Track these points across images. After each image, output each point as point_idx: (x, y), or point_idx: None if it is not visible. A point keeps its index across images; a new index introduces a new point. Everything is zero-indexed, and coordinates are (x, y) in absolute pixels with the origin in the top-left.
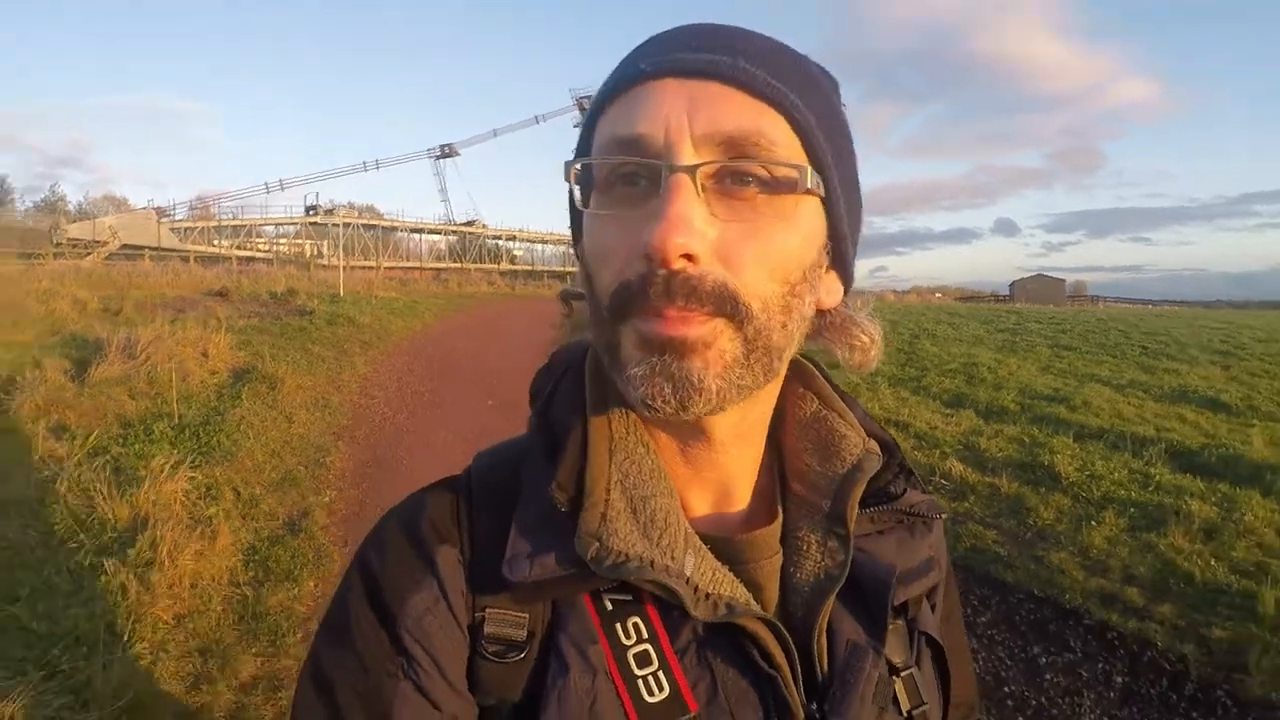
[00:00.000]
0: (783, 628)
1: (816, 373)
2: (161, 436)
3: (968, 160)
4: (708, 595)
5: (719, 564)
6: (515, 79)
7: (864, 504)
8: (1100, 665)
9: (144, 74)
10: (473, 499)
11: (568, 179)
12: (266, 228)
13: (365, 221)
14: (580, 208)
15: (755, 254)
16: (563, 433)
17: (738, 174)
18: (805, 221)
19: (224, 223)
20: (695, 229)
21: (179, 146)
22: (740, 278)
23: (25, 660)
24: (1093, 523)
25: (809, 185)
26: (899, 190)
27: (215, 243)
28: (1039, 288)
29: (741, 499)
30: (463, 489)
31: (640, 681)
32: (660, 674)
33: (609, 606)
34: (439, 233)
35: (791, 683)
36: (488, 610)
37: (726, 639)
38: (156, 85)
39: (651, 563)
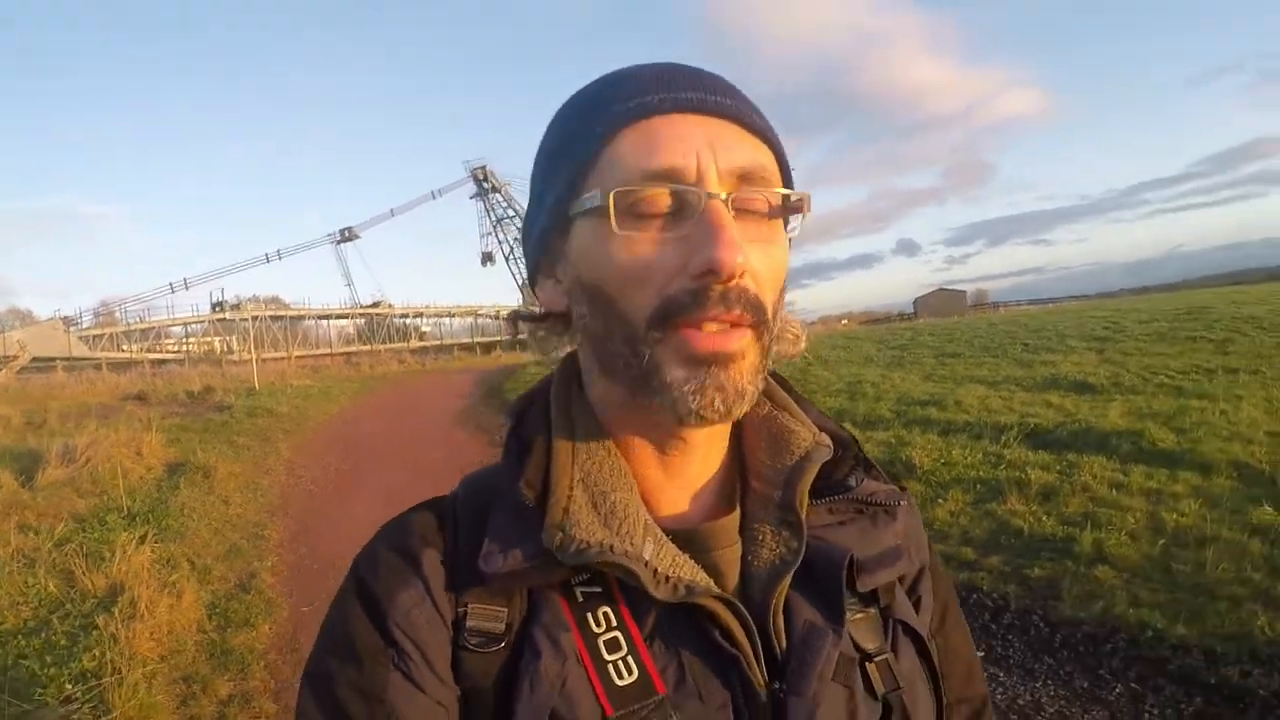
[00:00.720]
0: (739, 605)
1: (770, 378)
2: (116, 525)
3: (865, 186)
4: (667, 578)
5: (679, 551)
6: (409, 157)
7: (821, 495)
8: None
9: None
10: (456, 510)
11: (595, 205)
12: (175, 328)
13: (272, 313)
14: (617, 231)
15: (769, 270)
16: (531, 441)
17: (751, 202)
18: (785, 238)
19: (132, 327)
20: (743, 247)
21: (78, 252)
22: (763, 292)
23: (44, 694)
24: (940, 500)
25: (808, 212)
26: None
27: (124, 348)
28: (940, 302)
29: (706, 495)
30: (448, 503)
31: (610, 666)
32: (629, 659)
33: (580, 598)
34: (346, 317)
35: (753, 661)
36: (469, 605)
37: (691, 624)
38: (55, 190)
39: (611, 548)
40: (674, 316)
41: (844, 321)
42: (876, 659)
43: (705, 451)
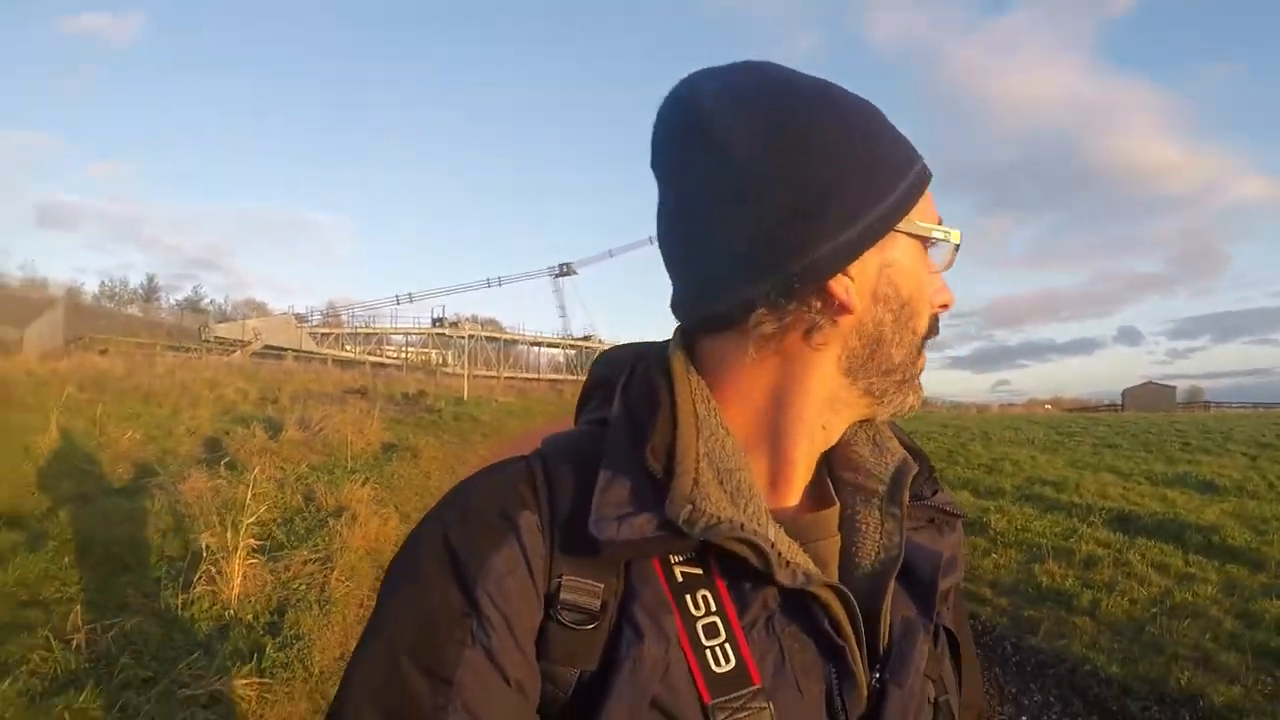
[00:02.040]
0: (851, 598)
1: None
2: (341, 474)
3: (1086, 268)
4: (788, 563)
5: (790, 539)
6: (631, 199)
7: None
8: None
9: (281, 184)
10: (549, 472)
11: (944, 239)
12: (395, 336)
13: (488, 334)
14: (929, 268)
15: None
16: (648, 410)
17: None
18: None
19: (358, 330)
20: None
21: (310, 254)
22: None
23: (290, 555)
24: (992, 554)
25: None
26: (1019, 302)
27: (348, 347)
28: (1148, 395)
29: (801, 484)
30: (538, 463)
31: (708, 652)
32: (727, 646)
33: (679, 578)
34: (557, 346)
35: (857, 652)
36: (564, 577)
37: (797, 613)
38: (294, 196)
39: (741, 525)
40: (930, 332)
41: (1047, 406)
42: None
43: (820, 451)
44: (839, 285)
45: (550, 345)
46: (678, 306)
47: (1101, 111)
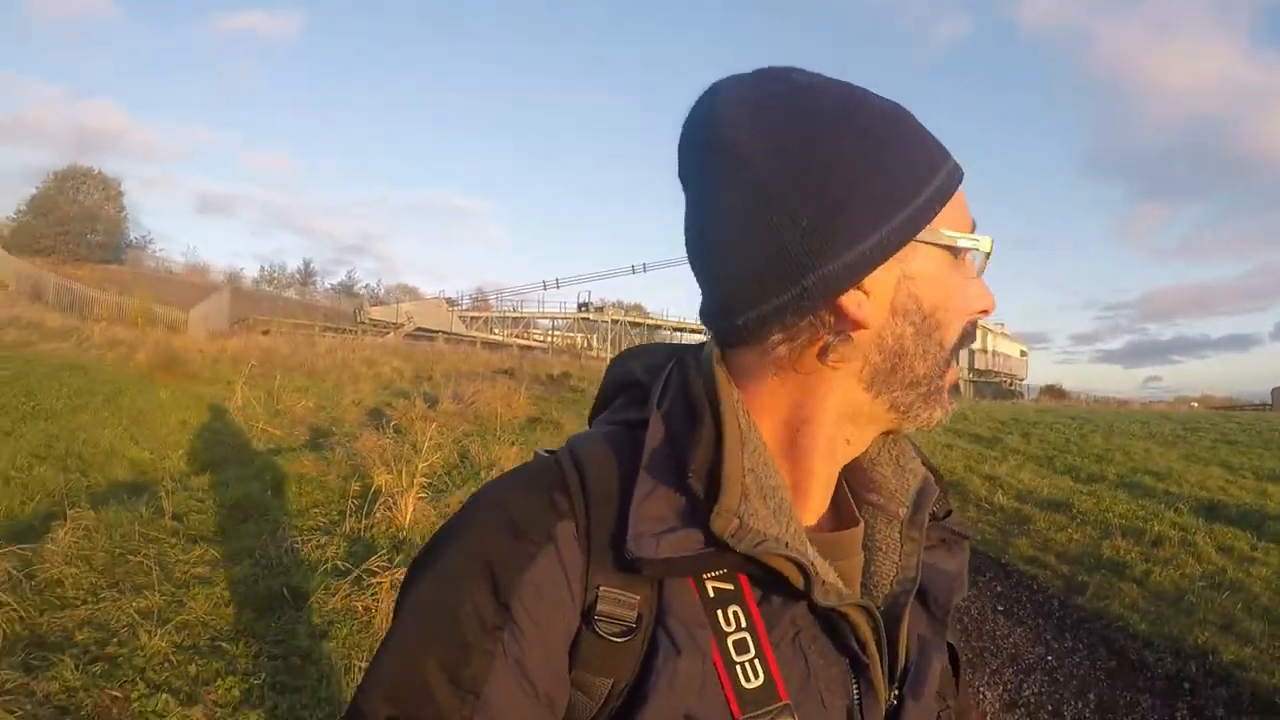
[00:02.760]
0: (879, 617)
1: None
2: (491, 439)
3: (1245, 260)
4: (824, 582)
5: (821, 557)
6: None
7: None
8: (998, 587)
9: (433, 172)
10: (584, 479)
11: (978, 249)
12: (542, 320)
13: (632, 319)
14: (969, 274)
15: None
16: (691, 421)
17: None
18: None
19: (506, 314)
20: None
21: (460, 240)
22: None
23: (450, 493)
24: (1068, 529)
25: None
26: (1172, 295)
27: (495, 331)
28: None
29: (821, 500)
30: (570, 467)
31: (739, 668)
32: (756, 662)
33: (711, 594)
34: (699, 333)
35: (880, 670)
36: (601, 588)
37: (827, 630)
38: (445, 183)
39: (786, 543)
40: (963, 342)
41: (1194, 404)
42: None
43: (841, 465)
44: (851, 300)
45: (693, 331)
46: (704, 317)
47: (1261, 95)
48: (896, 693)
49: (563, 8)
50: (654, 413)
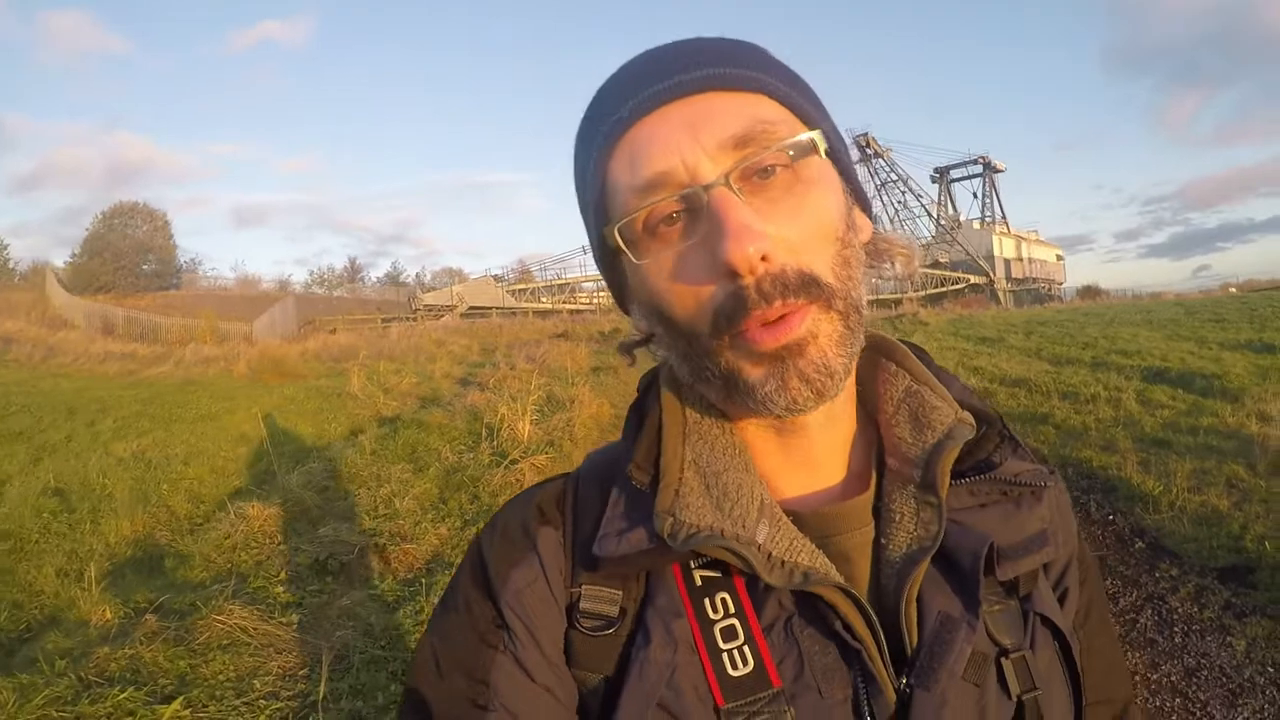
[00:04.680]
0: (860, 597)
1: (909, 351)
2: (566, 383)
3: None
4: (783, 563)
5: (799, 534)
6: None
7: (963, 475)
8: None
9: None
10: (579, 489)
11: (612, 244)
12: (586, 284)
13: None
14: (636, 261)
15: (807, 229)
16: (636, 425)
17: (760, 166)
18: (826, 177)
19: (551, 283)
20: (758, 231)
21: (497, 214)
22: (808, 257)
23: (548, 419)
24: (1019, 397)
25: (822, 148)
26: (1212, 182)
27: (543, 300)
28: None
29: (834, 476)
30: (571, 481)
31: (725, 655)
32: (745, 648)
33: (698, 582)
34: None
35: (877, 655)
36: (584, 587)
37: (813, 613)
38: (478, 161)
39: (721, 532)
40: (727, 323)
41: (1231, 289)
42: (1013, 655)
43: (826, 431)
44: (632, 314)
45: None
46: None
47: None
48: (905, 681)
49: None
50: (630, 416)
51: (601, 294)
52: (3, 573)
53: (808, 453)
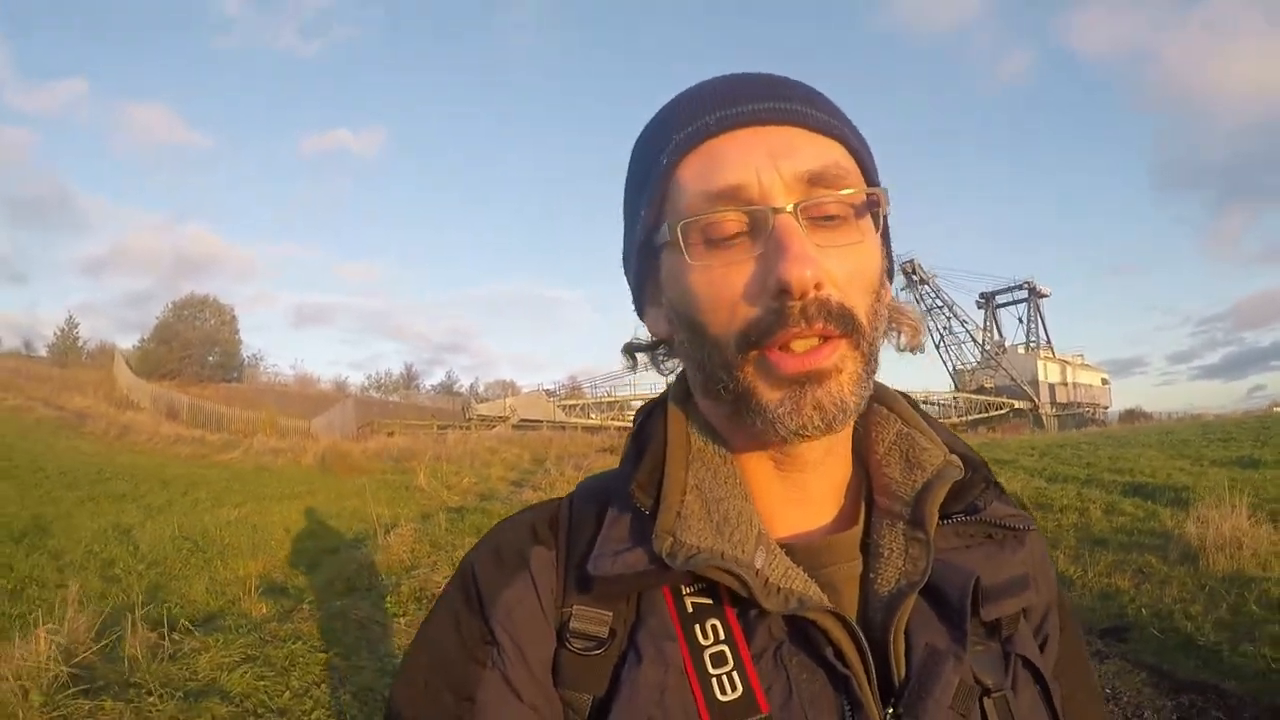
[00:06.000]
0: (853, 623)
1: (899, 396)
2: None
3: None
4: (779, 589)
5: (792, 563)
6: None
7: (949, 516)
8: None
9: (513, 266)
10: (573, 510)
11: (667, 240)
12: (635, 402)
13: None
14: (690, 262)
15: (854, 273)
16: (640, 449)
17: (825, 211)
18: (873, 234)
19: (601, 400)
20: (815, 259)
21: (550, 330)
22: (850, 298)
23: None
24: None
25: (885, 208)
26: (1265, 300)
27: (592, 415)
28: None
29: (827, 512)
30: (565, 503)
31: (714, 680)
32: (734, 674)
33: (690, 608)
34: None
35: (865, 683)
36: (575, 607)
37: (803, 640)
38: (532, 275)
39: (721, 554)
40: (759, 339)
41: (1276, 409)
42: (994, 695)
43: (823, 466)
44: (648, 317)
45: None
46: None
47: None
48: (891, 711)
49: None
50: (630, 440)
51: None
52: (158, 588)
53: (803, 487)
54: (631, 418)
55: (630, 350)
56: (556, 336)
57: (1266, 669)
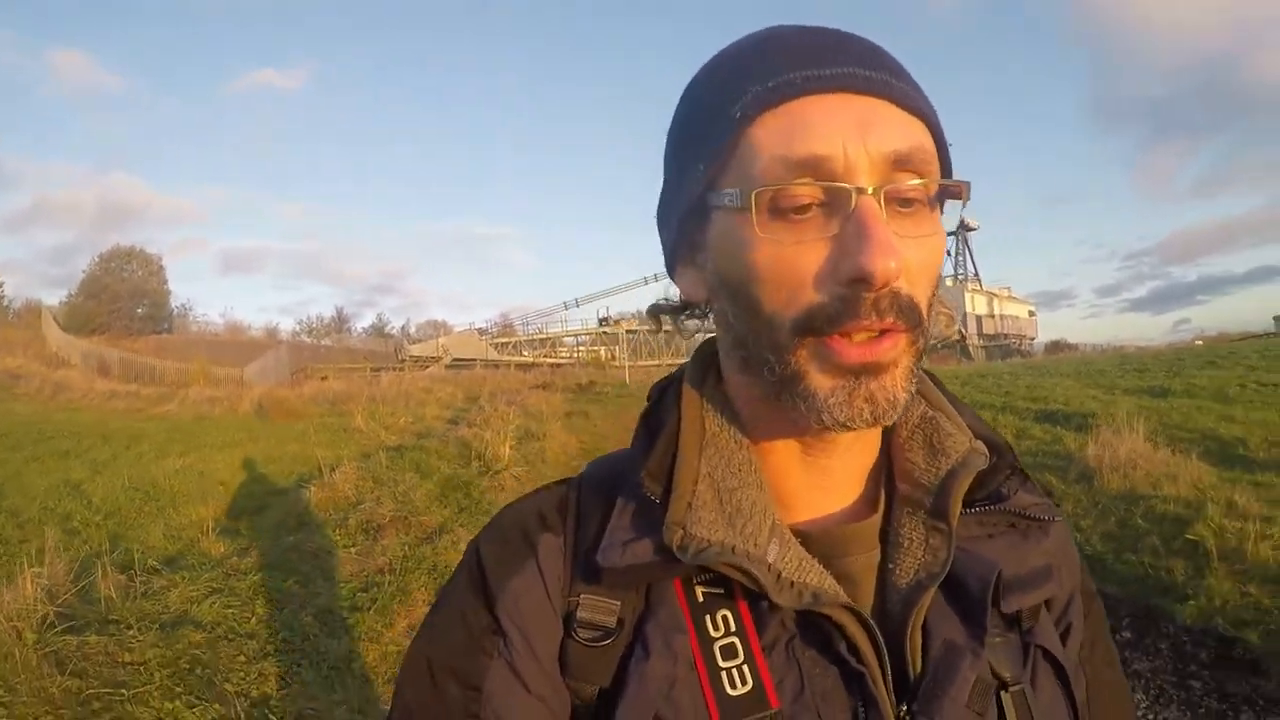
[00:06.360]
0: (869, 619)
1: (925, 376)
2: (543, 421)
3: (1263, 191)
4: (792, 583)
5: (807, 555)
6: None
7: (972, 504)
8: None
9: (453, 204)
10: (581, 495)
11: (746, 204)
12: (567, 338)
13: (648, 328)
14: (760, 234)
15: (924, 267)
16: (652, 434)
17: (905, 191)
18: (943, 227)
19: (533, 336)
20: (899, 251)
21: (481, 268)
22: (918, 292)
23: (524, 446)
24: None
25: (966, 199)
26: (1192, 235)
27: (524, 353)
28: None
29: (846, 498)
30: (574, 486)
31: (724, 674)
32: (745, 668)
33: (700, 599)
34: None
35: (880, 679)
36: (582, 596)
37: (816, 634)
38: (461, 212)
39: (733, 549)
40: (822, 325)
41: (1198, 342)
42: (1012, 689)
43: (852, 452)
44: (681, 278)
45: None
46: None
47: (1266, 26)
48: (906, 707)
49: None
50: (641, 424)
51: (580, 349)
52: (120, 536)
53: (827, 472)
54: (562, 354)
55: (656, 311)
56: (488, 275)
57: (1144, 574)
